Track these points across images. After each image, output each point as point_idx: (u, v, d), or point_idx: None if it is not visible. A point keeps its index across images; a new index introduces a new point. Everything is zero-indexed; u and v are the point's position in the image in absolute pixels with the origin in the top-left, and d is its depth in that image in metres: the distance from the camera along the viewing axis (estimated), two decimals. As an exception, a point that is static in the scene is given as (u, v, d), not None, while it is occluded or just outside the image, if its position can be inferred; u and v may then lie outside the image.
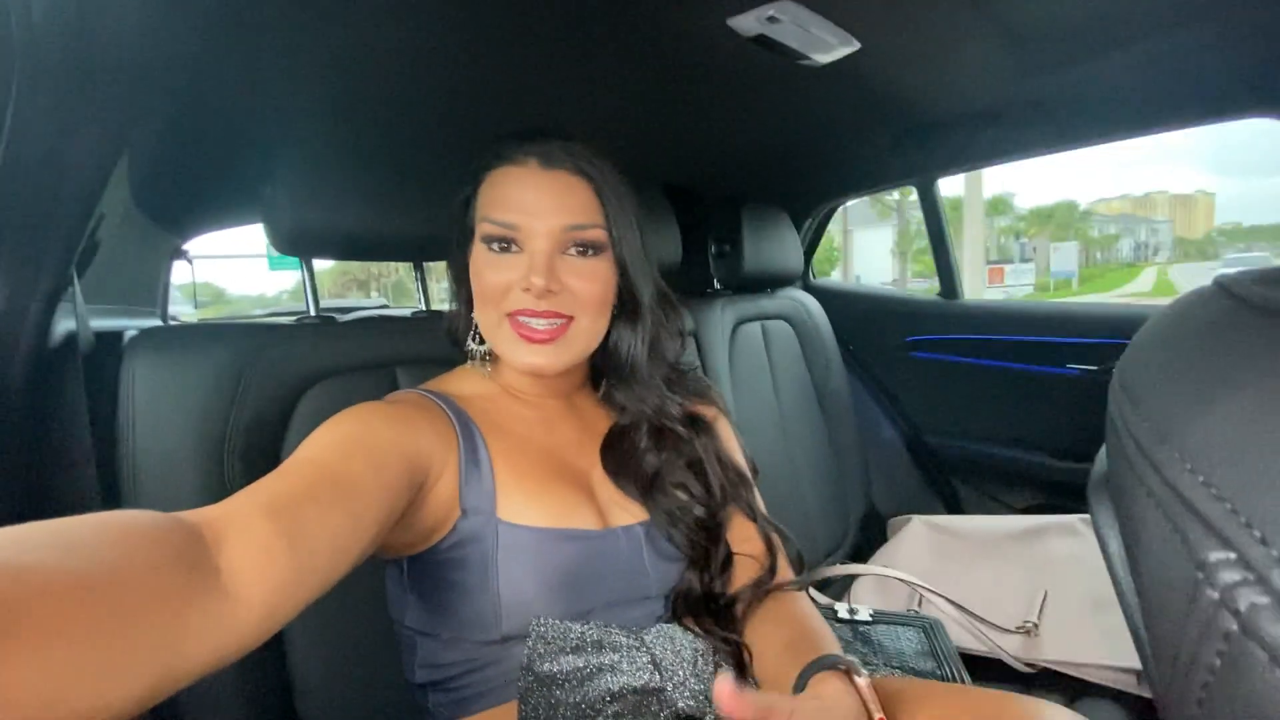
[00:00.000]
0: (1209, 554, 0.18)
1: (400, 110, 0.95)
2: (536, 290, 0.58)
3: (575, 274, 0.61)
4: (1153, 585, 0.22)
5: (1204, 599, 0.18)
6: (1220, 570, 0.17)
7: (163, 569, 0.32)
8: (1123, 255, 38.96)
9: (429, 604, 0.59)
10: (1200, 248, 14.94)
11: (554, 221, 0.59)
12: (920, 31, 0.88)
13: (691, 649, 0.60)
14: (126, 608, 0.29)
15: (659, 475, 0.66)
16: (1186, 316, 0.26)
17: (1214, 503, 0.18)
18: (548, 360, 0.60)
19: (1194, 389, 0.22)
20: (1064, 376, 1.33)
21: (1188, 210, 17.24)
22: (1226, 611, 0.17)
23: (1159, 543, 0.20)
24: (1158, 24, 0.87)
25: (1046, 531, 1.14)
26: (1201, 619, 0.18)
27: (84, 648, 0.26)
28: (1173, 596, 0.19)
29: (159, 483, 0.65)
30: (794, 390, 1.44)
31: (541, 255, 0.59)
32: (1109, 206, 19.08)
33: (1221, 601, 0.17)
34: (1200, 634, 0.18)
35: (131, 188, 0.87)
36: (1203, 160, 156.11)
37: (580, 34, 0.80)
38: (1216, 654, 0.18)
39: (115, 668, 0.27)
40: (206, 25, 0.65)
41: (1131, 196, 18.36)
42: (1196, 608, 0.18)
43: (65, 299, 0.66)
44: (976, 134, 1.27)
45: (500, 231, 0.60)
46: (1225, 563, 0.17)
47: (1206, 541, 0.18)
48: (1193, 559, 0.18)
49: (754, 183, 1.57)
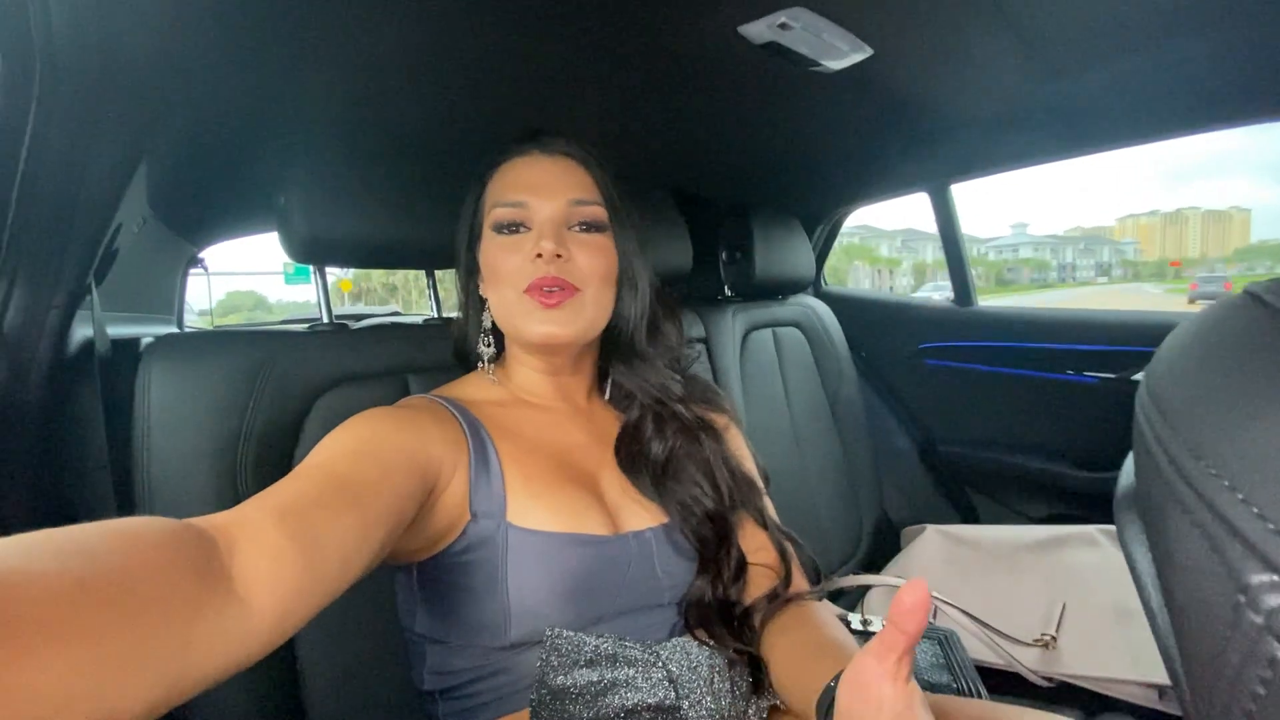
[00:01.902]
0: (1252, 576, 0.17)
1: (413, 119, 0.96)
2: (547, 254, 0.61)
3: (581, 247, 0.64)
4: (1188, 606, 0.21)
5: (1246, 623, 0.17)
6: (1264, 593, 0.16)
7: (173, 576, 0.32)
8: (1081, 275, 39.16)
9: (438, 609, 0.59)
10: (1157, 268, 14.46)
11: (558, 197, 0.64)
12: (934, 37, 0.88)
13: (708, 666, 0.59)
14: (136, 615, 0.29)
15: (669, 465, 0.67)
16: (1217, 326, 0.26)
17: (1255, 521, 0.17)
18: (560, 328, 0.62)
19: (1229, 402, 0.21)
20: (1081, 384, 1.31)
21: (1221, 226, 16.65)
22: (1272, 637, 0.16)
23: (1195, 562, 0.20)
24: (1174, 28, 0.86)
25: (1065, 542, 1.12)
26: (1244, 645, 0.17)
27: (93, 655, 0.26)
28: (1211, 620, 0.19)
29: (172, 488, 0.66)
30: (806, 397, 1.43)
31: (549, 224, 0.63)
32: (1136, 223, 18.72)
33: (1267, 626, 0.16)
34: (1242, 660, 0.17)
35: (149, 196, 0.89)
36: (1263, 168, 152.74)
37: (592, 41, 0.80)
38: (1260, 681, 0.17)
39: (124, 675, 0.27)
40: (223, 36, 0.66)
41: (1161, 212, 18.06)
42: (1238, 633, 0.17)
43: (83, 307, 0.67)
44: (990, 140, 1.26)
45: (510, 213, 0.64)
46: (1269, 585, 0.16)
47: (1248, 563, 0.17)
48: (1234, 581, 0.17)
49: (765, 189, 1.57)
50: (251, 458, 0.69)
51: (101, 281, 0.72)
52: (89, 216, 0.65)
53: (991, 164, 1.37)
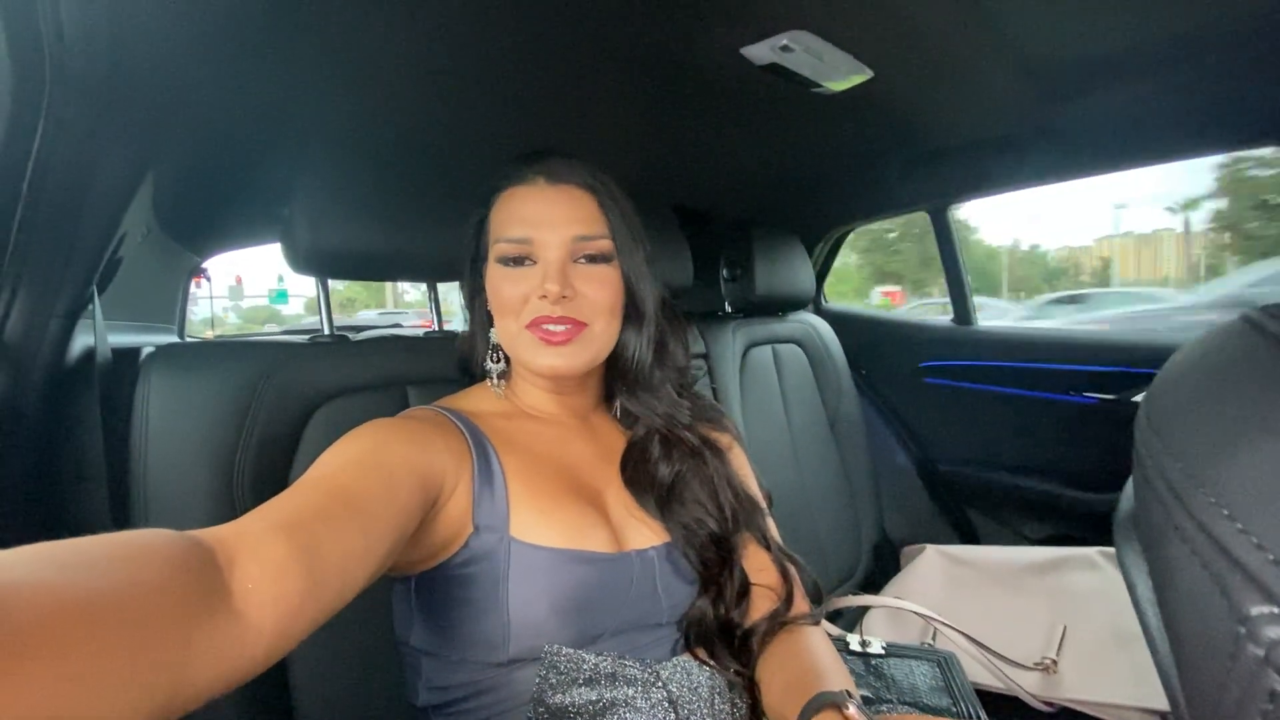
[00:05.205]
0: (1251, 608, 0.17)
1: (417, 133, 0.97)
2: (552, 296, 0.60)
3: (586, 280, 0.63)
4: (1188, 635, 0.21)
5: (1247, 655, 0.17)
6: (1264, 625, 0.16)
7: (173, 590, 0.31)
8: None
9: (436, 623, 0.58)
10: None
11: (564, 233, 0.62)
12: (933, 60, 0.89)
13: (709, 686, 0.59)
14: (135, 629, 0.28)
15: (674, 487, 0.67)
16: (1215, 352, 0.26)
17: (1254, 551, 0.17)
18: (566, 361, 0.62)
19: (1227, 429, 0.21)
20: (1081, 405, 1.31)
21: (1151, 249, 16.49)
22: (1272, 670, 0.16)
23: (1195, 591, 0.20)
24: (1170, 55, 0.87)
25: (1065, 564, 1.12)
26: (1244, 676, 0.17)
27: (92, 668, 0.26)
28: (1211, 650, 0.18)
29: (169, 498, 0.65)
30: (805, 415, 1.43)
31: (555, 264, 0.62)
32: (1112, 243, 18.43)
33: (1267, 660, 0.16)
34: (1243, 693, 0.17)
35: (154, 206, 0.89)
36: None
37: (595, 60, 0.81)
38: (1261, 715, 0.17)
39: (122, 689, 0.27)
40: (231, 48, 0.67)
41: (1136, 234, 17.84)
42: (1238, 665, 0.17)
43: (85, 316, 0.67)
44: (989, 161, 1.27)
45: (514, 249, 0.63)
46: (1269, 617, 0.16)
47: (1248, 594, 0.17)
48: (1234, 613, 0.17)
49: (765, 207, 1.58)
50: (249, 468, 0.69)
51: (104, 290, 0.72)
52: (94, 225, 0.66)
53: (990, 185, 1.38)
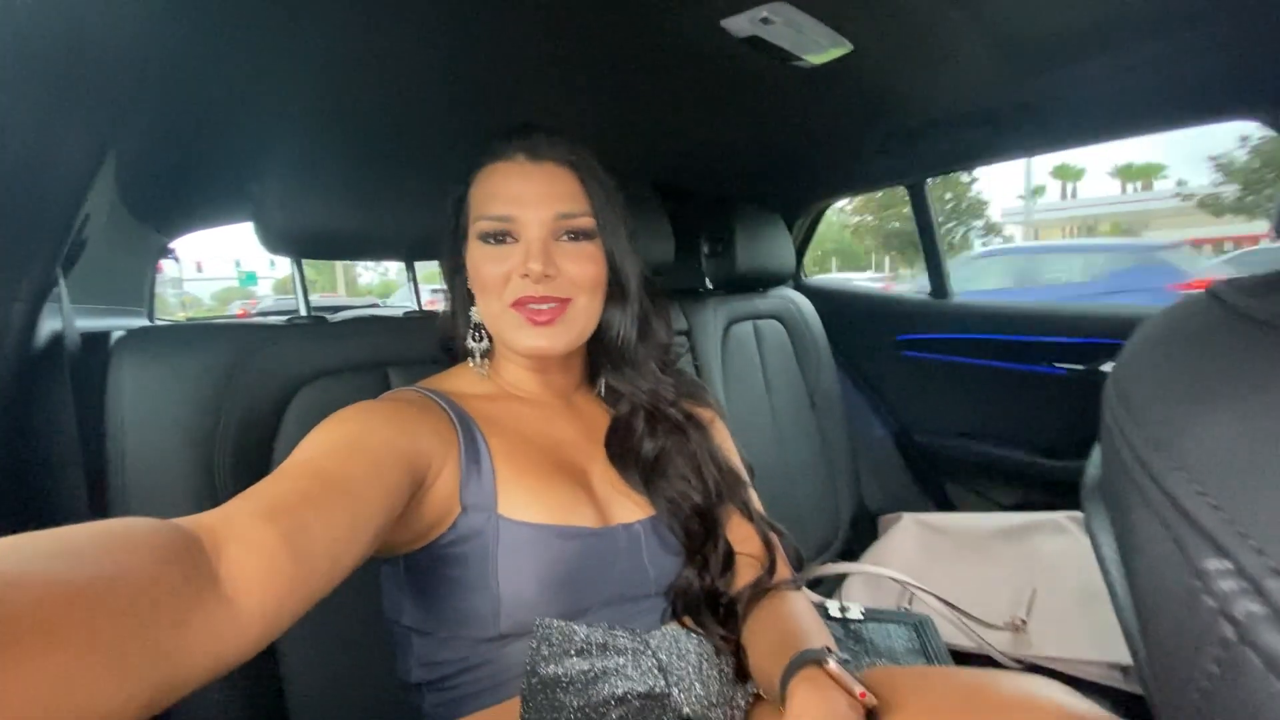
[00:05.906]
0: (1206, 563, 0.18)
1: (391, 109, 0.95)
2: (535, 275, 0.60)
3: (568, 258, 0.63)
4: (1149, 591, 0.22)
5: (1202, 607, 0.18)
6: (1218, 579, 0.18)
7: (162, 578, 0.31)
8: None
9: (426, 601, 0.59)
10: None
11: (545, 210, 0.62)
12: (911, 34, 0.89)
13: (697, 653, 0.60)
14: (125, 617, 0.28)
15: (659, 461, 0.68)
16: (1179, 324, 0.27)
17: (1211, 512, 0.18)
18: (550, 342, 0.62)
19: (1189, 398, 0.22)
20: (1052, 376, 1.34)
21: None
22: (1224, 620, 0.17)
23: (1155, 549, 0.21)
24: (1144, 28, 0.88)
25: (1035, 529, 1.16)
26: (1199, 626, 0.18)
27: (83, 657, 0.26)
28: (1170, 603, 0.20)
29: (148, 485, 0.65)
30: (786, 389, 1.45)
31: (536, 243, 0.61)
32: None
33: (1219, 610, 0.17)
34: (1198, 641, 0.18)
35: (118, 186, 0.86)
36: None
37: (572, 34, 0.80)
38: (1214, 661, 0.18)
39: (114, 677, 0.27)
40: (193, 24, 0.64)
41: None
42: (1194, 615, 0.18)
43: (51, 299, 0.65)
44: (966, 135, 1.28)
45: (495, 226, 0.62)
46: (1223, 572, 0.17)
47: (1204, 550, 0.18)
48: (1190, 567, 0.18)
49: (746, 182, 1.57)
50: (229, 453, 0.68)
51: (69, 273, 0.70)
52: (56, 207, 0.63)
53: (967, 159, 1.40)
